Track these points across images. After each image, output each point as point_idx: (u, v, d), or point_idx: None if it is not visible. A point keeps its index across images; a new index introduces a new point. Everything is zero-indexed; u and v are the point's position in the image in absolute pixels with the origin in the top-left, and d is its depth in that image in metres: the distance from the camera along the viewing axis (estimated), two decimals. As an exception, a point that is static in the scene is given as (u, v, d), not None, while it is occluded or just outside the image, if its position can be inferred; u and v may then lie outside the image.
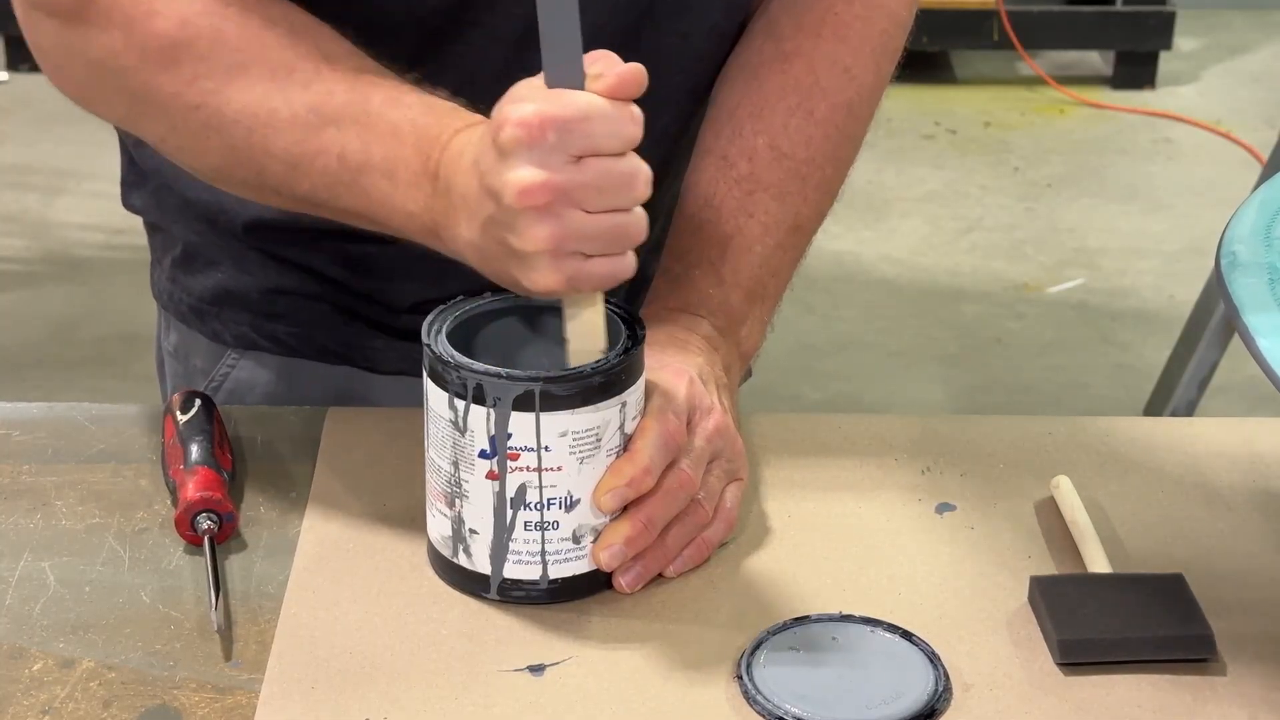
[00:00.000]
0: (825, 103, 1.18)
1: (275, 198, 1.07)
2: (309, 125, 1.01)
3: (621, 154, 0.93)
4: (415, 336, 1.01)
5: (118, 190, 1.29)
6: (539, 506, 0.98)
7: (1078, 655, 0.97)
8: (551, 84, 0.92)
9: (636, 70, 0.92)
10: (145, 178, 1.27)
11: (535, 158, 0.91)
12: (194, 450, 1.09)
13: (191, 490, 1.06)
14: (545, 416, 0.96)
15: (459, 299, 1.03)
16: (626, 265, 0.96)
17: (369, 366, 1.26)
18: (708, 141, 1.19)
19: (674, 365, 1.05)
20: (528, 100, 0.92)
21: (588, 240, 0.93)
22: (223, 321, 1.28)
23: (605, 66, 0.93)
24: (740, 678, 0.95)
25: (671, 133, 1.22)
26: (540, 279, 0.95)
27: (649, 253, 1.25)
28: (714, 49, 1.21)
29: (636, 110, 0.93)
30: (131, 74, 1.04)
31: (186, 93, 1.03)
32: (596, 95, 0.92)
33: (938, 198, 3.77)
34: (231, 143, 1.03)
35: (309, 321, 1.25)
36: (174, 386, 1.34)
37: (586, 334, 0.99)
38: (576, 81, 0.92)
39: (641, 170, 0.93)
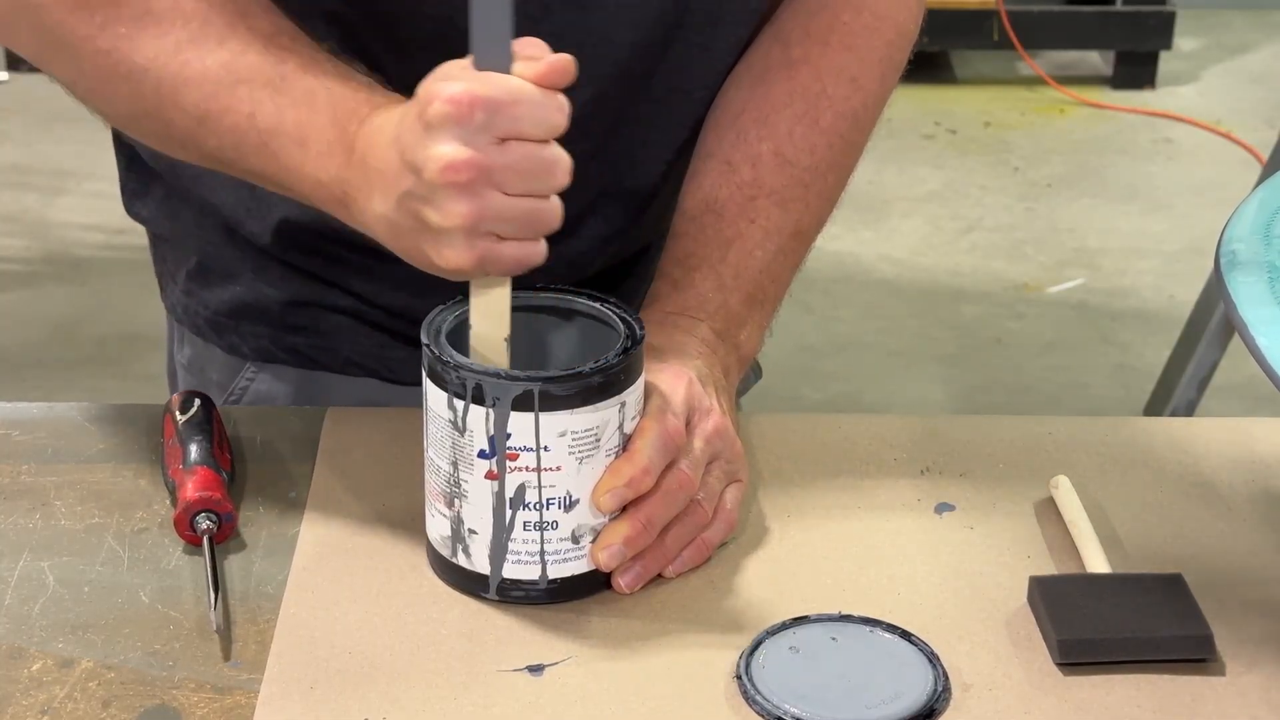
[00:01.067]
0: (831, 111, 1.18)
1: (182, 151, 1.07)
2: (220, 81, 1.01)
3: (545, 141, 0.93)
4: None
5: (118, 190, 1.29)
6: (538, 506, 0.98)
7: (1077, 655, 0.97)
8: (480, 66, 0.92)
9: (566, 60, 0.92)
10: (150, 185, 1.26)
11: (461, 135, 0.91)
12: (193, 450, 1.09)
13: (191, 490, 1.06)
14: (544, 416, 0.96)
15: (459, 299, 1.03)
16: (538, 251, 0.95)
17: (392, 378, 1.26)
18: (710, 145, 1.19)
19: (673, 367, 1.05)
20: (458, 79, 0.92)
21: (504, 222, 0.94)
22: (241, 335, 1.27)
23: (536, 52, 0.93)
24: (740, 678, 0.95)
25: (685, 143, 1.22)
26: (452, 255, 0.95)
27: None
28: (734, 61, 1.21)
29: (563, 99, 0.93)
30: (45, 12, 1.03)
31: (98, 37, 1.03)
32: (526, 81, 0.92)
33: (938, 198, 3.77)
34: (140, 91, 1.03)
35: (331, 333, 1.25)
36: None
37: (491, 316, 0.98)
38: (504, 65, 0.92)
39: (562, 159, 0.94)
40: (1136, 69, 4.31)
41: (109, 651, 0.98)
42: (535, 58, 0.93)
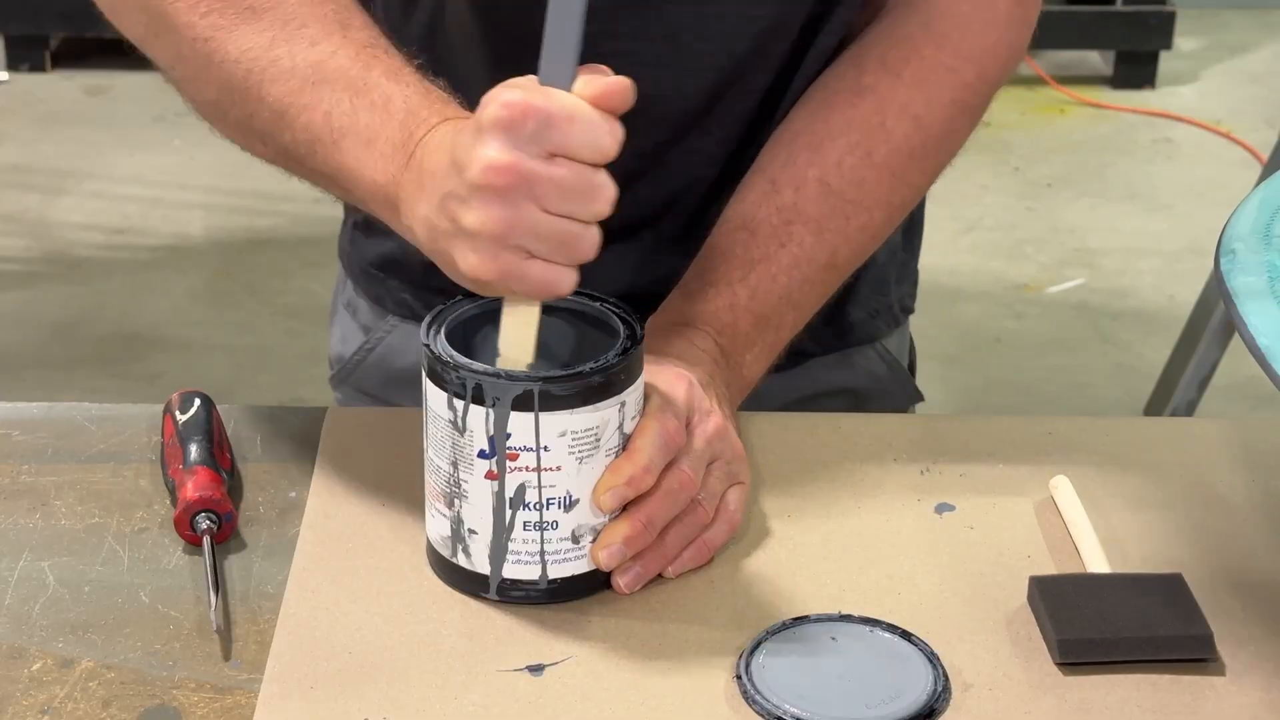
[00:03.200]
0: (887, 146, 1.16)
1: (261, 145, 1.09)
2: (305, 79, 1.03)
3: (593, 165, 0.92)
4: None
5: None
6: (538, 506, 0.98)
7: (1077, 655, 0.97)
8: (544, 81, 0.93)
9: (625, 83, 0.93)
10: None
11: (510, 140, 0.92)
12: (193, 450, 1.09)
13: (190, 490, 1.06)
14: (544, 416, 0.96)
15: (459, 299, 1.03)
16: (566, 279, 0.95)
17: None
18: (762, 161, 1.18)
19: (673, 369, 1.05)
20: (518, 88, 0.93)
21: (536, 238, 0.93)
22: (386, 288, 1.31)
23: (598, 74, 0.93)
24: (740, 677, 0.95)
25: (720, 154, 1.22)
26: (478, 262, 0.94)
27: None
28: (780, 72, 1.21)
29: (618, 126, 0.93)
30: None
31: (198, 24, 1.06)
32: (584, 100, 0.92)
33: (937, 198, 3.75)
34: (230, 81, 1.06)
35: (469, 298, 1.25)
36: (342, 336, 1.38)
37: (517, 342, 0.98)
38: (566, 82, 0.93)
39: (608, 187, 0.93)
40: (1136, 69, 4.31)
41: (109, 651, 0.98)
42: (598, 77, 0.93)
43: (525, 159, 0.91)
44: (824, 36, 1.21)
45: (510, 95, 0.92)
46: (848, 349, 1.34)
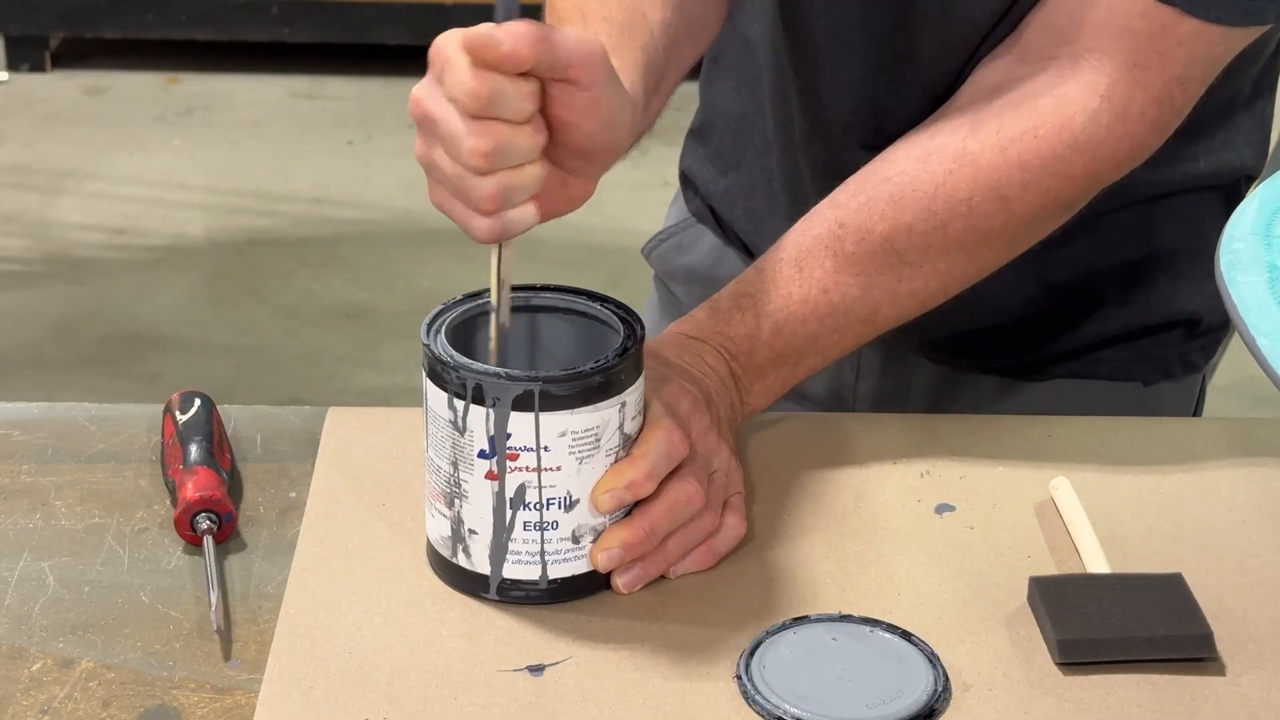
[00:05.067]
0: (965, 222, 1.11)
1: None
2: None
3: (470, 114, 0.92)
4: None
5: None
6: (538, 506, 0.98)
7: (1077, 655, 0.97)
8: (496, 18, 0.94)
9: (495, 39, 0.91)
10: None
11: (429, 78, 0.95)
12: (193, 450, 1.09)
13: (191, 490, 1.06)
14: (544, 416, 0.96)
15: (459, 299, 1.03)
16: (475, 224, 0.95)
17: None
18: (839, 197, 1.14)
19: (678, 382, 1.05)
20: (457, 32, 0.94)
21: (443, 177, 0.95)
22: (692, 189, 1.41)
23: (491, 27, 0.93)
24: (740, 678, 0.95)
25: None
26: (429, 190, 0.97)
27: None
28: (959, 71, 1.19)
29: (494, 78, 0.91)
30: None
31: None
32: (462, 47, 0.92)
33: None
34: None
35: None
36: (678, 211, 1.45)
37: (492, 287, 0.99)
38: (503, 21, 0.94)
39: (472, 139, 0.92)
40: (1136, 69, 4.30)
41: (109, 651, 0.98)
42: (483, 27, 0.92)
43: (426, 97, 0.94)
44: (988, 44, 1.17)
45: (442, 36, 0.94)
46: (1094, 379, 1.31)
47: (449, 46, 0.93)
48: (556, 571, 1.00)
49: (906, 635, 0.98)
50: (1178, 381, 1.34)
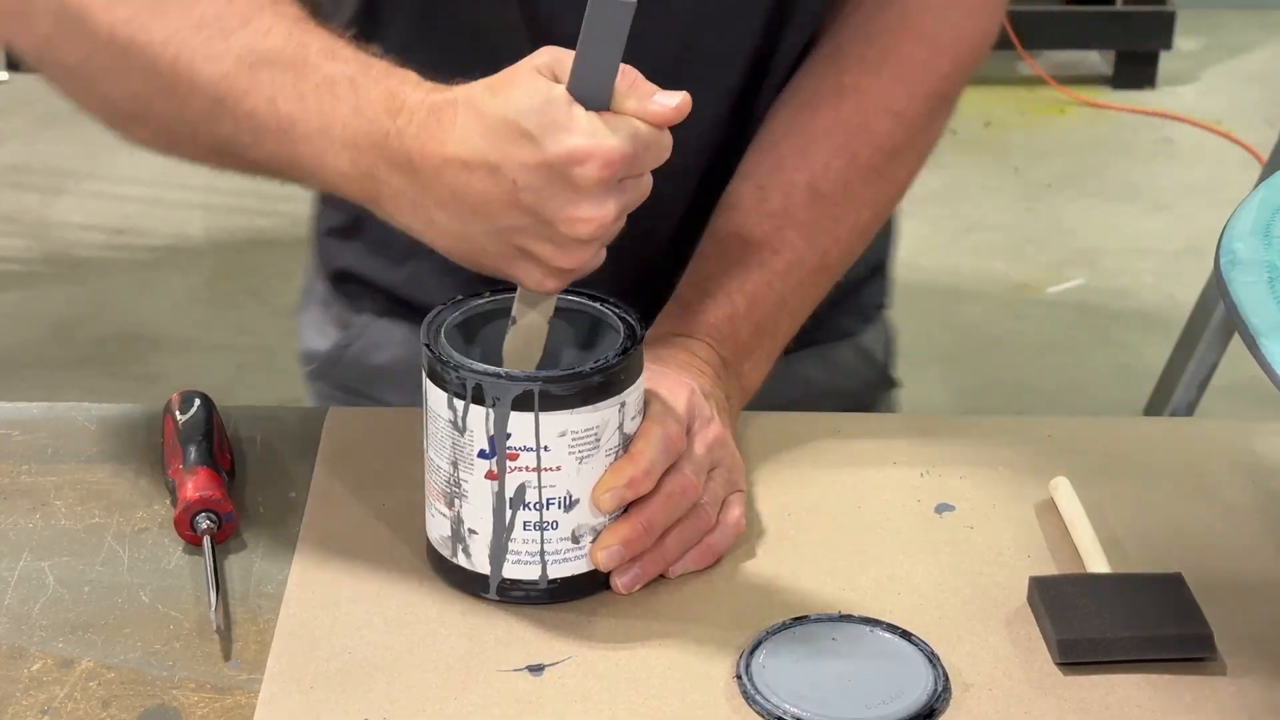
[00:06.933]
0: (870, 146, 1.17)
1: (191, 139, 1.03)
2: (241, 61, 0.98)
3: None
4: None
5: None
6: (538, 506, 0.98)
7: (1077, 655, 0.97)
8: (579, 95, 0.91)
9: (687, 100, 0.92)
10: None
11: (610, 193, 0.92)
12: (193, 450, 1.09)
13: (191, 490, 1.06)
14: (544, 416, 0.96)
15: (459, 299, 1.03)
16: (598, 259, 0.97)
17: None
18: (749, 167, 1.18)
19: (675, 377, 1.06)
20: (595, 134, 0.91)
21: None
22: (365, 289, 1.32)
23: (649, 89, 0.92)
24: (740, 678, 0.95)
25: (706, 153, 1.22)
26: (554, 285, 0.96)
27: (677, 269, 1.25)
28: (750, 70, 1.21)
29: (669, 137, 0.93)
30: None
31: (117, 8, 1.00)
32: (641, 122, 0.91)
33: (938, 198, 3.76)
34: (155, 67, 0.99)
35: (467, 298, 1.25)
36: (319, 331, 1.37)
37: (527, 344, 1.00)
38: (605, 98, 0.91)
39: (649, 183, 0.95)
40: (1136, 69, 4.31)
41: (109, 651, 0.98)
42: (654, 95, 0.92)
43: (619, 203, 0.93)
44: (791, 31, 1.20)
45: (605, 150, 0.90)
46: (822, 345, 1.34)
47: (628, 138, 0.91)
48: (556, 571, 1.00)
49: (906, 635, 0.98)
50: (875, 325, 1.40)
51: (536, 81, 0.92)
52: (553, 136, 0.90)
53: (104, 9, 1.00)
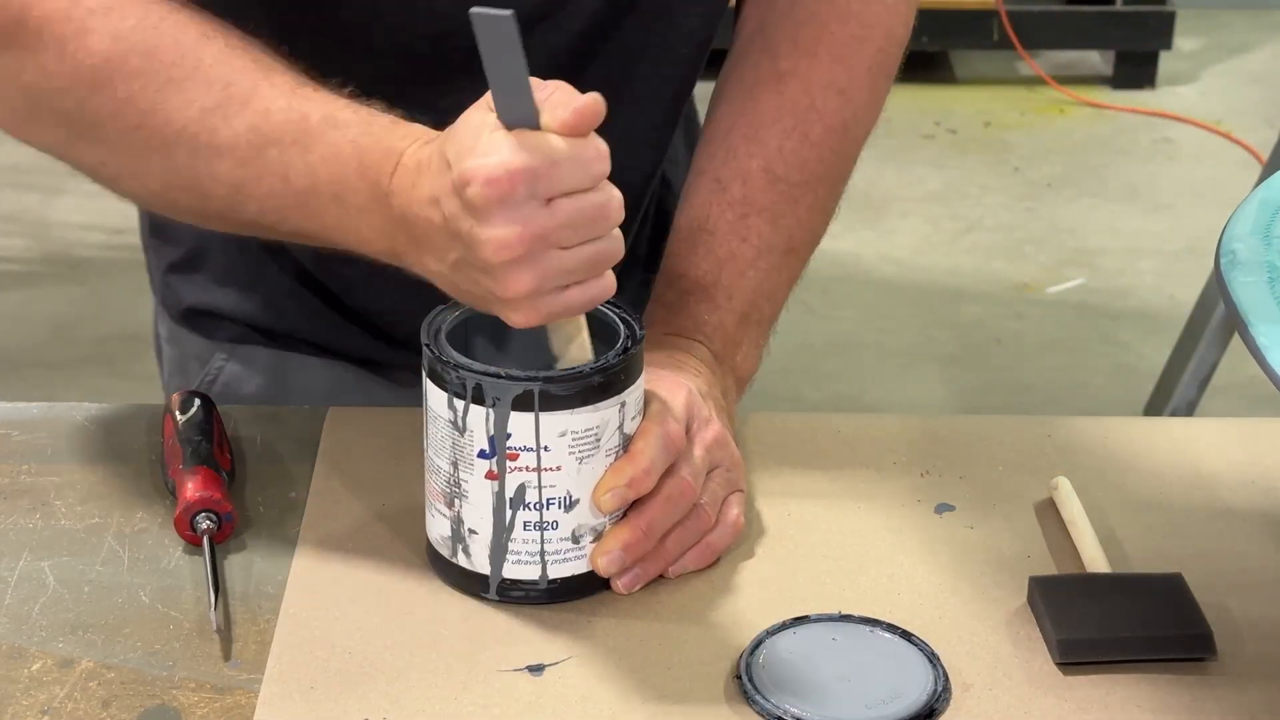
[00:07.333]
0: (820, 125, 1.17)
1: (220, 222, 1.05)
2: (251, 145, 0.99)
3: (591, 188, 0.92)
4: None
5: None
6: (538, 506, 0.98)
7: (1077, 655, 0.97)
8: (505, 119, 0.90)
9: (594, 101, 0.91)
10: None
11: (508, 213, 0.90)
12: (193, 450, 1.09)
13: (191, 490, 1.06)
14: (544, 416, 0.96)
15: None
16: (605, 287, 0.95)
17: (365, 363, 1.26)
18: (702, 163, 1.18)
19: (671, 378, 1.06)
20: (488, 153, 0.90)
21: (567, 274, 0.93)
22: (218, 324, 1.29)
23: (562, 98, 0.91)
24: (740, 678, 0.95)
25: (652, 138, 1.22)
26: (522, 319, 0.94)
27: (641, 267, 1.25)
28: (692, 55, 1.21)
29: (600, 144, 0.91)
30: (67, 96, 1.01)
31: (124, 112, 1.00)
32: (557, 136, 0.90)
33: (938, 198, 3.76)
34: (173, 165, 1.01)
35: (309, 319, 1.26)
36: (181, 369, 1.35)
37: (573, 355, 0.99)
38: (529, 116, 0.90)
39: (613, 198, 0.93)
40: (1136, 69, 4.31)
41: (109, 651, 0.98)
42: (562, 104, 0.90)
43: (530, 223, 0.90)
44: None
45: (488, 169, 0.89)
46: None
47: (532, 153, 0.89)
48: (556, 571, 1.00)
49: (906, 635, 0.98)
50: None
51: (475, 113, 0.92)
52: (458, 161, 0.91)
53: (110, 115, 1.01)
